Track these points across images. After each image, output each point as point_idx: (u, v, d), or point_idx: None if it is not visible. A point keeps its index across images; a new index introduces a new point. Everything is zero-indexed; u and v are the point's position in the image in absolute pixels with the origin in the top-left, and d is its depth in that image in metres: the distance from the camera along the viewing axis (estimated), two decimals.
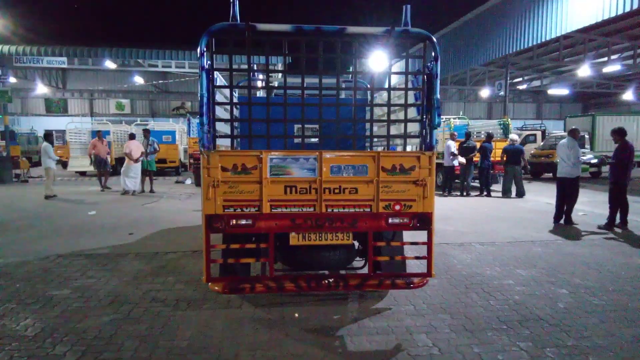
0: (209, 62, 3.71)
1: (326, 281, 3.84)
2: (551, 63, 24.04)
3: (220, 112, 4.34)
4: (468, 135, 13.03)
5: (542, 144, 19.85)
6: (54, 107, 33.53)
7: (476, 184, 13.69)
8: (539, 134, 21.66)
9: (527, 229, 8.19)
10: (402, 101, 4.24)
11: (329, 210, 3.81)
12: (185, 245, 6.78)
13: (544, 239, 7.46)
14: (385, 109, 4.23)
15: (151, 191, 13.45)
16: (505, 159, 12.44)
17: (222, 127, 4.27)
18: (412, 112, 4.39)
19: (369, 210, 3.84)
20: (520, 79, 31.14)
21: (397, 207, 3.87)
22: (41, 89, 30.46)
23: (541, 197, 12.61)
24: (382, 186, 3.82)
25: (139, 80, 29.27)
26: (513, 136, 13.00)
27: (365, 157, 3.83)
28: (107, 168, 14.68)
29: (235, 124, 5.48)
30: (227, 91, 4.55)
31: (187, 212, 9.87)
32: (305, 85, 4.02)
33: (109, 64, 21.54)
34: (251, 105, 3.88)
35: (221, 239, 4.19)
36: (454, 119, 16.48)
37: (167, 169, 19.83)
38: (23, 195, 12.85)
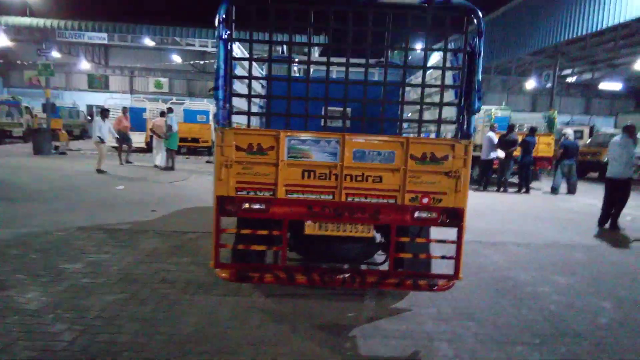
0: (227, 31, 3.41)
1: (341, 276, 3.53)
2: (605, 54, 22.49)
3: (240, 87, 4.05)
4: (511, 128, 12.27)
5: (589, 141, 18.65)
6: (96, 83, 34.41)
7: (514, 180, 12.95)
8: (586, 130, 20.40)
9: (568, 232, 7.59)
10: (438, 83, 3.82)
11: (349, 199, 3.48)
12: (206, 226, 6.61)
13: (587, 243, 6.87)
14: (419, 91, 3.81)
15: (171, 168, 13.56)
16: (562, 154, 11.79)
17: (243, 104, 3.99)
18: (449, 96, 3.95)
19: (393, 201, 3.49)
20: (570, 71, 29.38)
21: (425, 200, 3.49)
22: (84, 64, 31.24)
23: (585, 197, 11.79)
24: (409, 176, 3.45)
25: (177, 59, 29.51)
26: (568, 131, 12.23)
27: (393, 143, 3.46)
28: (129, 143, 15.03)
29: (261, 102, 5.21)
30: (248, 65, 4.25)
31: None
32: (331, 61, 3.67)
33: (148, 42, 21.71)
34: (271, 81, 3.57)
35: (235, 223, 3.94)
36: (495, 109, 15.64)
37: (200, 148, 19.95)
38: (58, 167, 13.14)
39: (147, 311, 3.70)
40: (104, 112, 12.80)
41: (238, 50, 4.01)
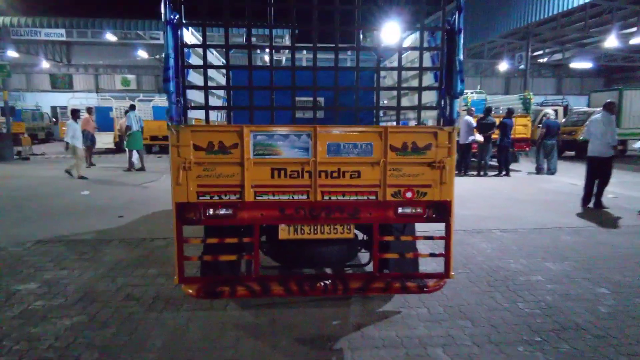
0: (176, 15, 2.99)
1: (322, 283, 3.19)
2: (576, 34, 22.64)
3: (198, 79, 3.63)
4: (488, 111, 12.13)
5: (564, 120, 18.76)
6: (59, 82, 32.89)
7: (494, 163, 12.85)
8: (560, 109, 20.50)
9: (553, 213, 7.44)
10: (416, 65, 3.49)
11: (326, 198, 3.14)
12: None
13: (574, 224, 6.72)
14: (395, 76, 3.47)
15: (141, 169, 12.98)
16: (544, 133, 11.74)
17: (200, 97, 3.58)
18: (429, 80, 3.63)
19: (374, 198, 3.16)
20: (541, 52, 29.61)
21: (409, 195, 3.17)
22: (45, 64, 29.80)
23: (565, 177, 11.77)
24: (390, 169, 3.13)
25: (142, 54, 28.45)
26: (549, 110, 12.21)
27: (370, 134, 3.13)
28: (93, 144, 14.36)
29: (223, 94, 4.79)
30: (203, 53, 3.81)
31: None
32: (297, 46, 3.29)
33: (110, 37, 20.70)
34: (229, 70, 3.18)
35: (202, 231, 3.55)
36: (471, 93, 15.50)
37: None
38: (20, 174, 12.40)
39: (107, 335, 3.29)
40: (75, 113, 11.80)
41: (192, 37, 3.58)
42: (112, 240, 5.82)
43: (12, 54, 20.93)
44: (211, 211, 3.11)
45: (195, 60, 3.58)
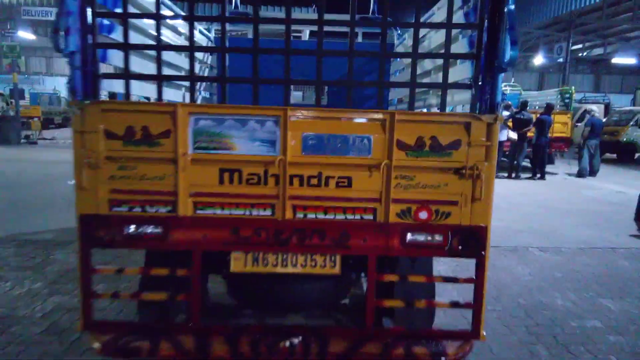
0: None
1: (288, 343, 2.17)
2: (621, 26, 20.80)
3: (136, 37, 2.64)
4: (524, 105, 10.81)
5: (604, 119, 17.13)
6: None
7: (527, 164, 11.53)
8: (601, 107, 18.83)
9: (601, 229, 6.21)
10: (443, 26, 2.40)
11: (300, 215, 2.13)
12: None
13: (630, 245, 5.51)
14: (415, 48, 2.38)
15: None
16: (587, 133, 10.58)
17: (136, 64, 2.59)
18: (460, 48, 2.55)
19: (371, 218, 2.13)
20: (580, 46, 27.65)
21: (423, 215, 2.13)
22: None
23: (609, 183, 10.39)
24: (396, 176, 2.09)
25: None
26: (594, 107, 10.95)
27: (369, 122, 2.09)
28: None
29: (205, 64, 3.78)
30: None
31: None
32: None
33: None
34: (160, 20, 2.18)
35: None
36: (505, 86, 14.13)
37: None
38: (18, 158, 11.80)
39: None
40: None
41: None
42: (72, 241, 4.93)
43: (25, 35, 20.45)
44: (132, 229, 2.13)
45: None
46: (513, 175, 10.82)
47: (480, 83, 2.14)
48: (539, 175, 10.76)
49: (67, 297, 3.55)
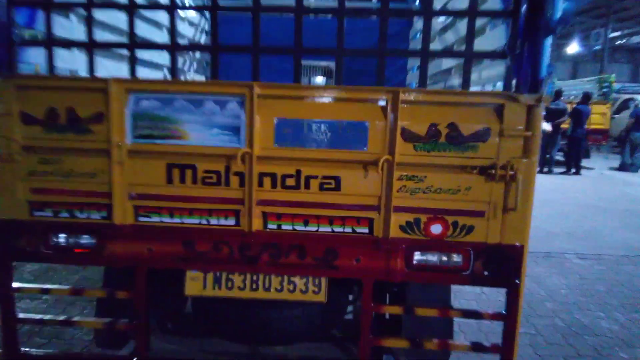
0: None
1: None
2: None
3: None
4: (558, 94, 9.97)
5: None
6: None
7: (560, 157, 10.69)
8: None
9: None
10: None
11: (272, 226, 1.62)
12: None
13: None
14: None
15: None
16: (632, 124, 9.94)
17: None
18: (491, 5, 1.97)
19: (365, 231, 1.60)
20: (619, 33, 26.03)
21: (437, 229, 1.60)
22: None
23: None
24: (401, 176, 1.56)
25: None
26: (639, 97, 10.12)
27: (363, 104, 1.56)
28: None
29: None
30: None
31: None
32: None
33: None
34: None
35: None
36: None
37: None
38: None
39: None
40: None
41: None
42: None
43: None
44: (58, 239, 1.67)
45: None
46: (545, 169, 10.02)
47: (518, 51, 1.57)
48: (574, 170, 9.94)
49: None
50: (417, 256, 1.63)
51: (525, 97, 1.50)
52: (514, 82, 1.60)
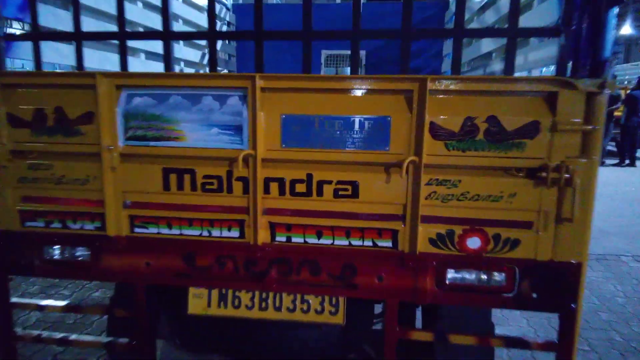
0: None
1: None
2: None
3: None
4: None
5: None
6: None
7: (612, 147, 9.94)
8: None
9: None
10: None
11: (280, 238, 1.42)
12: None
13: None
14: None
15: None
16: None
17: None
18: None
19: (389, 244, 1.37)
20: None
21: (475, 243, 1.35)
22: None
23: None
24: (431, 180, 1.32)
25: None
26: None
27: (385, 95, 1.32)
28: None
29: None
30: None
31: None
32: None
33: None
34: None
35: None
36: None
37: None
38: None
39: None
40: None
41: None
42: None
43: None
44: (53, 251, 1.54)
45: None
46: None
47: (575, 26, 1.29)
48: (628, 161, 9.20)
49: None
50: (451, 274, 1.38)
51: (584, 82, 1.21)
52: (569, 65, 1.32)
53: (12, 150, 1.46)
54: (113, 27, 2.23)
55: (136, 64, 2.39)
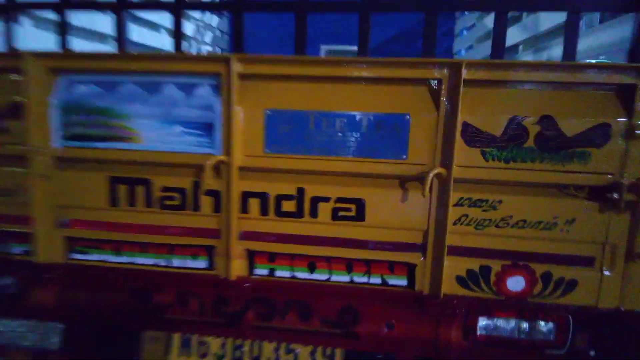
0: None
1: None
2: None
3: None
4: None
5: None
6: None
7: None
8: None
9: None
10: None
11: (261, 271, 1.08)
12: None
13: None
14: None
15: None
16: None
17: None
18: None
19: (403, 282, 1.04)
20: None
21: (517, 283, 1.03)
22: None
23: None
24: (461, 199, 1.00)
25: None
26: None
27: (402, 86, 0.99)
28: None
29: None
30: None
31: None
32: None
33: None
34: None
35: None
36: None
37: None
38: None
39: None
40: None
41: None
42: None
43: None
44: None
45: None
46: None
47: None
48: None
49: None
50: (483, 323, 1.05)
51: None
52: None
53: None
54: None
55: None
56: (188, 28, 2.98)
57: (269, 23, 2.32)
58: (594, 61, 1.89)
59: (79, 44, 1.63)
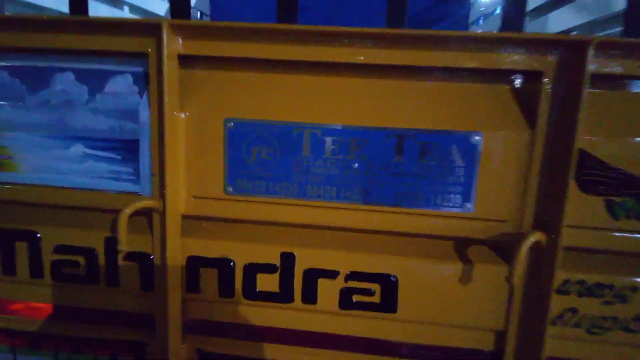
0: None
1: None
2: None
3: None
4: None
5: None
6: None
7: None
8: None
9: None
10: None
11: None
12: None
13: None
14: None
15: None
16: None
17: None
18: None
19: None
20: None
21: None
22: None
23: None
24: (568, 283, 0.54)
25: None
26: None
27: (458, 79, 0.55)
28: None
29: None
30: None
31: None
32: None
33: None
34: None
35: None
36: None
37: None
38: None
39: None
40: None
41: None
42: None
43: None
44: None
45: None
46: None
47: None
48: None
49: None
50: None
51: None
52: None
53: None
54: None
55: None
56: (160, 7, 2.50)
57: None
58: None
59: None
